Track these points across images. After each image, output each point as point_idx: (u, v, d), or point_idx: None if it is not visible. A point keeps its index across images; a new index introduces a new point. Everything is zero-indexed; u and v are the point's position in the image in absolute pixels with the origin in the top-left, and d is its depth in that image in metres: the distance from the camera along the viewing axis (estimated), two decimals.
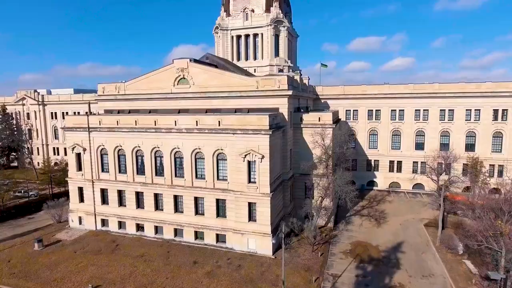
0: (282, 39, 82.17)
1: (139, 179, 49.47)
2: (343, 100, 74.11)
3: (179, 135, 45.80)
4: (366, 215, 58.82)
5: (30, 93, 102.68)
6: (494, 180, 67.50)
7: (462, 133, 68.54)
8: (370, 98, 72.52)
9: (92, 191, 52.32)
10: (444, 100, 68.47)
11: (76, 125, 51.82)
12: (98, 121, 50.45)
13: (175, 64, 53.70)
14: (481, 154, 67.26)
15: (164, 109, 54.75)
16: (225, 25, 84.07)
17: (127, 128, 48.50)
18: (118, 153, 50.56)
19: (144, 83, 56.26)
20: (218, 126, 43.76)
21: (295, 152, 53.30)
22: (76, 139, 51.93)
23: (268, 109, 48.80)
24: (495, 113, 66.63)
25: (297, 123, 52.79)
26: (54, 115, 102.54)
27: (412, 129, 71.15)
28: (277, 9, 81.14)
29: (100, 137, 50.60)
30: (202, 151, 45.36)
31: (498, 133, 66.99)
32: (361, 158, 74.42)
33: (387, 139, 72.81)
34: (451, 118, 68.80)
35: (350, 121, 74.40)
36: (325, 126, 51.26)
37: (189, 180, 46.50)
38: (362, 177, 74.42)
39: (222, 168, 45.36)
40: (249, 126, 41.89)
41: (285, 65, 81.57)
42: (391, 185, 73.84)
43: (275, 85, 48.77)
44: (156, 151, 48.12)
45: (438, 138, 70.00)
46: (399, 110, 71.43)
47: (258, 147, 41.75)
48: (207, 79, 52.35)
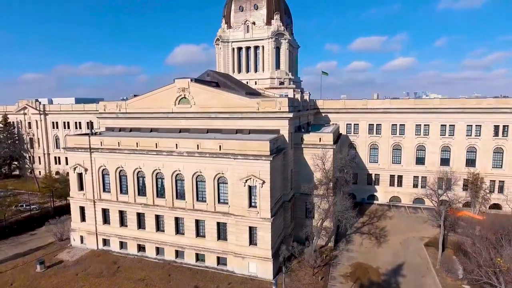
0: (283, 51, 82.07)
1: (140, 200, 49.68)
2: (344, 114, 74.22)
3: (180, 158, 45.97)
4: (366, 232, 58.97)
5: (31, 102, 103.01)
6: (495, 195, 67.79)
7: (462, 148, 68.57)
8: (371, 113, 72.57)
9: (94, 211, 52.59)
10: (445, 115, 68.48)
11: (78, 145, 52.04)
12: (99, 142, 50.65)
13: (176, 83, 53.86)
14: (482, 170, 67.36)
15: (165, 128, 55.07)
16: (226, 37, 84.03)
17: (129, 150, 48.70)
18: (120, 174, 50.79)
19: (145, 102, 56.43)
20: (219, 151, 43.92)
21: (296, 171, 53.45)
22: (78, 159, 52.16)
23: (269, 131, 49.08)
24: (495, 129, 66.63)
25: (298, 143, 52.93)
26: (55, 125, 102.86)
27: (412, 143, 71.20)
28: (278, 21, 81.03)
29: (102, 157, 50.83)
30: (203, 174, 45.55)
31: (499, 149, 67.00)
32: (361, 172, 74.50)
33: (387, 153, 72.89)
34: (452, 133, 68.82)
35: (351, 134, 74.50)
36: (326, 147, 51.47)
37: (190, 202, 46.72)
38: (362, 191, 74.54)
39: (223, 192, 45.56)
40: (250, 152, 42.02)
41: (286, 77, 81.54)
42: (392, 199, 73.94)
43: (276, 107, 48.88)
44: (157, 173, 48.33)
45: (438, 153, 70.05)
46: (400, 124, 71.47)
47: (259, 172, 41.91)
48: (207, 99, 52.50)
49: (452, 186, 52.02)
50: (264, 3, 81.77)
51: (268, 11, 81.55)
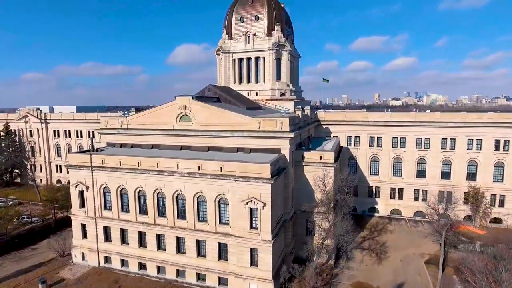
0: (284, 62, 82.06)
1: (142, 218, 49.83)
2: (345, 127, 74.26)
3: (181, 178, 46.09)
4: (367, 248, 59.08)
5: (32, 110, 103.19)
6: (496, 209, 67.85)
7: (463, 162, 68.58)
8: (372, 125, 72.57)
9: (95, 228, 52.77)
10: (446, 129, 68.47)
11: (79, 163, 52.18)
12: (101, 160, 50.79)
13: (177, 101, 53.98)
14: (483, 184, 67.40)
15: (166, 145, 55.21)
16: (227, 48, 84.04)
17: (130, 169, 48.83)
18: (121, 192, 50.94)
19: (147, 118, 56.58)
20: (220, 172, 44.01)
21: (297, 189, 53.55)
22: (79, 177, 52.31)
23: (269, 150, 49.26)
24: (496, 143, 66.61)
25: (299, 161, 53.02)
26: (56, 133, 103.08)
27: (413, 157, 71.22)
28: (279, 33, 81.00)
29: (103, 175, 50.97)
30: (204, 195, 45.67)
31: (500, 163, 67.00)
32: (362, 185, 74.48)
33: (388, 166, 72.94)
34: (453, 147, 68.83)
35: (352, 147, 74.55)
36: (327, 165, 51.62)
37: (191, 222, 46.86)
38: (363, 203, 74.62)
39: (224, 212, 45.68)
40: (251, 174, 42.11)
41: (287, 89, 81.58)
42: (392, 212, 74.03)
43: (277, 126, 48.97)
44: (158, 192, 48.46)
45: (439, 167, 70.08)
46: (401, 137, 71.49)
47: (260, 195, 42.01)
48: (208, 116, 52.62)
49: (452, 205, 51.90)
50: (265, 14, 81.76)
51: (269, 22, 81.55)
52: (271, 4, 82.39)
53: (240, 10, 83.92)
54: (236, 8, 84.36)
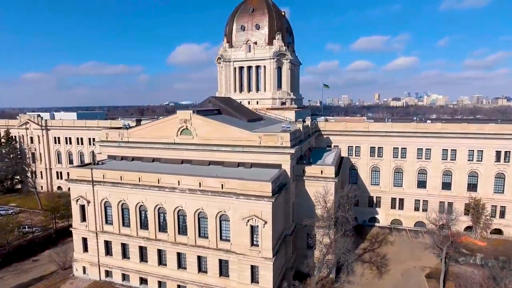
0: (285, 71, 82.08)
1: (143, 233, 49.87)
2: (345, 137, 74.25)
3: (182, 194, 46.09)
4: (367, 261, 59.12)
5: (33, 117, 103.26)
6: (496, 220, 67.88)
7: (464, 173, 68.58)
8: (373, 136, 72.55)
9: (96, 242, 52.83)
10: (447, 140, 68.48)
11: (80, 177, 52.22)
12: (102, 175, 50.81)
13: (178, 115, 54.01)
14: (483, 195, 67.44)
15: (167, 159, 55.26)
16: (227, 56, 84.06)
17: (131, 185, 48.85)
18: (122, 207, 50.98)
19: (148, 131, 56.62)
20: (221, 189, 44.02)
21: (297, 203, 53.54)
22: (80, 191, 52.36)
23: (270, 165, 49.34)
24: (497, 154, 66.62)
25: (300, 175, 53.01)
26: (57, 140, 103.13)
27: (414, 167, 71.23)
28: (280, 41, 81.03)
29: (104, 190, 51.01)
30: (205, 211, 45.69)
31: (501, 174, 67.01)
32: (363, 194, 74.30)
33: (389, 176, 72.96)
34: (454, 158, 68.83)
35: (352, 157, 74.55)
36: (328, 179, 51.62)
37: (192, 238, 46.90)
38: (363, 213, 74.62)
39: (225, 229, 45.70)
40: (251, 192, 42.10)
41: (287, 98, 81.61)
42: (393, 222, 74.06)
43: (278, 142, 48.98)
44: (159, 207, 48.48)
45: (440, 177, 70.09)
46: (402, 148, 71.49)
47: (261, 213, 42.02)
48: (209, 131, 52.64)
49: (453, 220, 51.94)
50: (266, 23, 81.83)
51: (269, 31, 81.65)
52: (271, 13, 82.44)
53: (240, 19, 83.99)
54: (237, 16, 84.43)
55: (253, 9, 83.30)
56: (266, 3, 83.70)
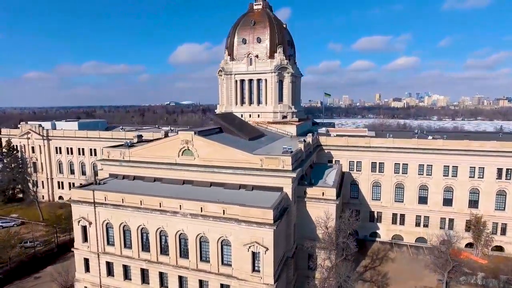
0: (286, 85, 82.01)
1: (144, 255, 49.94)
2: (347, 152, 74.19)
3: (184, 219, 46.13)
4: (368, 280, 59.21)
5: (34, 127, 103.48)
6: (497, 237, 67.87)
7: (465, 190, 68.58)
8: (374, 151, 72.53)
9: (98, 263, 52.92)
10: (448, 156, 68.43)
11: (82, 198, 52.29)
12: (103, 197, 50.86)
13: (180, 135, 54.08)
14: (485, 212, 67.46)
15: (168, 179, 55.30)
16: (229, 69, 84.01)
17: (132, 207, 48.90)
18: (123, 229, 51.03)
19: (149, 151, 56.68)
20: (223, 215, 44.04)
21: (299, 224, 53.58)
22: (82, 212, 52.43)
23: (272, 188, 49.40)
24: (499, 171, 66.59)
25: (301, 196, 53.07)
26: (58, 150, 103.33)
27: (415, 183, 71.22)
28: (281, 55, 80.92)
29: (106, 212, 51.05)
30: (207, 236, 45.72)
31: (502, 191, 66.98)
32: (364, 209, 74.65)
33: (390, 192, 72.97)
34: (455, 174, 68.82)
35: (354, 172, 74.56)
36: (329, 201, 51.74)
37: (194, 262, 46.95)
38: (364, 228, 74.58)
39: (226, 254, 45.71)
40: (253, 219, 42.09)
41: (288, 111, 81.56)
42: (394, 237, 74.10)
43: (279, 165, 49.01)
44: (161, 230, 48.51)
45: (441, 193, 70.10)
46: (403, 164, 71.46)
47: (262, 239, 42.03)
48: (211, 152, 52.69)
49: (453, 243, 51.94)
50: (267, 36, 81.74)
51: (271, 44, 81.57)
52: (273, 26, 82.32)
53: (242, 32, 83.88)
54: (238, 29, 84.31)
55: (255, 22, 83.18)
56: (268, 16, 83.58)
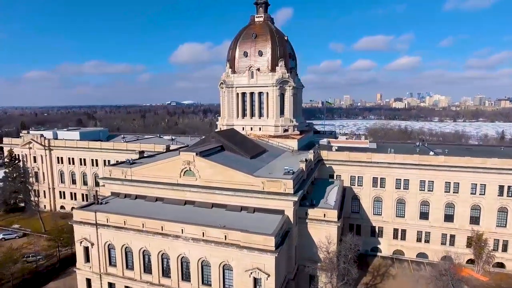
0: (288, 98, 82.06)
1: (146, 277, 50.14)
2: (348, 166, 74.17)
3: (186, 243, 46.30)
4: None
5: (36, 137, 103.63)
6: (499, 254, 67.86)
7: (467, 206, 68.55)
8: (375, 166, 72.52)
9: (100, 284, 53.16)
10: (449, 173, 68.40)
11: (84, 219, 52.48)
12: (105, 219, 51.05)
13: (181, 156, 54.17)
14: (486, 228, 67.45)
15: (170, 199, 55.48)
16: (230, 82, 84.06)
17: (134, 230, 49.08)
18: (125, 250, 51.25)
19: (151, 170, 56.81)
20: (224, 240, 44.18)
21: (300, 245, 53.74)
22: (84, 233, 52.66)
23: (273, 210, 49.52)
24: (500, 188, 66.52)
25: (302, 217, 53.19)
26: (60, 160, 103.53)
27: (416, 198, 71.24)
28: (283, 68, 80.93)
29: (108, 233, 51.25)
30: (209, 260, 45.85)
31: (504, 208, 66.94)
32: (365, 224, 74.77)
33: (391, 207, 72.97)
34: (456, 191, 68.79)
35: (355, 186, 74.56)
36: (330, 223, 51.88)
37: (196, 285, 47.10)
38: (366, 242, 74.51)
39: (228, 278, 45.83)
40: (255, 245, 42.22)
41: (290, 125, 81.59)
42: (395, 252, 74.12)
43: (281, 188, 49.11)
44: (162, 253, 48.69)
45: (442, 209, 70.09)
46: (404, 179, 71.44)
47: (264, 266, 42.18)
48: (212, 174, 52.80)
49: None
50: (269, 50, 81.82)
51: (272, 57, 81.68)
52: (274, 39, 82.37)
53: (243, 45, 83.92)
54: (240, 42, 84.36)
55: (256, 35, 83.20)
56: (269, 29, 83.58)
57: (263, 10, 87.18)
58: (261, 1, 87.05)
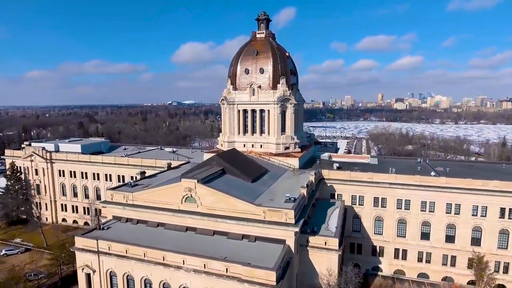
0: (289, 115, 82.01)
1: None
2: (349, 186, 74.17)
3: (187, 274, 46.44)
4: None
5: (38, 150, 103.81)
6: (500, 276, 67.86)
7: (468, 228, 68.53)
8: (376, 186, 72.51)
9: None
10: (451, 194, 68.33)
11: (86, 247, 52.69)
12: (107, 247, 51.23)
13: (183, 183, 54.29)
14: (487, 250, 67.43)
15: (171, 225, 55.63)
16: (231, 98, 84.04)
17: (136, 259, 49.26)
18: (127, 278, 51.45)
19: (152, 196, 56.97)
20: (226, 273, 44.29)
21: (301, 272, 53.81)
22: (86, 260, 52.90)
23: (275, 240, 49.63)
24: (502, 210, 66.47)
25: (303, 244, 53.31)
26: (62, 173, 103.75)
27: (417, 219, 71.22)
28: (284, 86, 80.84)
29: (110, 261, 51.45)
30: None
31: (505, 230, 66.91)
32: (366, 243, 74.84)
33: (392, 227, 72.97)
34: (458, 212, 68.76)
35: (356, 206, 74.56)
36: (331, 251, 51.98)
37: None
38: (367, 262, 74.81)
39: None
40: (256, 279, 42.29)
41: (291, 142, 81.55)
42: (396, 272, 74.16)
43: (282, 218, 49.22)
44: (164, 283, 48.87)
45: (443, 230, 70.08)
46: (405, 200, 71.44)
47: None
48: (214, 201, 52.93)
49: None
50: (270, 67, 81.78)
51: (273, 75, 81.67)
52: (276, 56, 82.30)
53: (245, 62, 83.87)
54: (241, 59, 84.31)
55: (257, 52, 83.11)
56: (271, 46, 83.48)
57: (265, 26, 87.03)
58: (262, 17, 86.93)
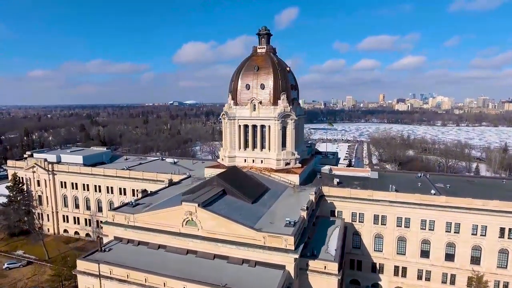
0: (289, 131, 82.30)
1: None
2: (349, 203, 74.45)
3: None
4: None
5: (40, 161, 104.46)
6: None
7: (467, 247, 68.79)
8: (376, 204, 72.79)
9: None
10: (451, 213, 68.58)
11: (87, 270, 53.17)
12: (109, 271, 51.66)
13: (184, 207, 54.66)
14: (487, 269, 67.73)
15: (172, 247, 55.99)
16: (232, 114, 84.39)
17: (137, 284, 49.69)
18: None
19: (153, 218, 57.33)
20: None
21: None
22: (88, 283, 53.34)
23: (275, 265, 50.00)
24: (501, 230, 66.70)
25: (303, 268, 53.62)
26: (63, 184, 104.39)
27: (417, 237, 71.50)
28: (285, 102, 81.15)
29: (111, 285, 51.88)
30: None
31: (504, 250, 67.15)
32: (365, 260, 75.19)
33: (392, 244, 73.28)
34: (457, 231, 69.01)
35: (356, 223, 74.87)
36: (331, 275, 52.27)
37: None
38: (366, 278, 75.21)
39: None
40: None
41: (292, 158, 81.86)
42: None
43: (282, 244, 49.53)
44: None
45: (443, 249, 70.35)
46: (405, 218, 71.72)
47: None
48: (215, 225, 53.29)
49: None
50: (271, 83, 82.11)
51: (274, 91, 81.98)
52: (276, 72, 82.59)
53: (245, 77, 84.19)
54: (242, 74, 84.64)
55: (258, 67, 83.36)
56: (272, 61, 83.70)
57: (265, 41, 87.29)
58: (263, 32, 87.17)
